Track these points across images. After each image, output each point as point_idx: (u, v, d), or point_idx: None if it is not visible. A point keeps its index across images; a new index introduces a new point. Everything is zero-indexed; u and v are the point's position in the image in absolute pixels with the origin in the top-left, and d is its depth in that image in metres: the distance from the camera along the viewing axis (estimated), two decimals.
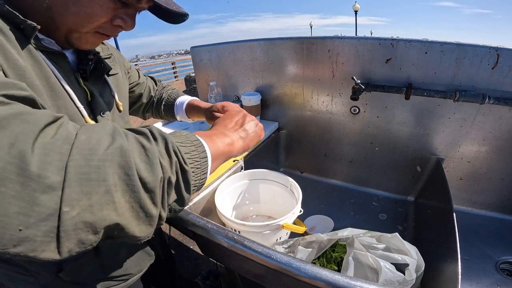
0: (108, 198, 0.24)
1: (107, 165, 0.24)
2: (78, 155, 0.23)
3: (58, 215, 0.21)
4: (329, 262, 0.63)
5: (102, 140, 0.25)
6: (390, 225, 0.93)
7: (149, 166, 0.27)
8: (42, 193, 0.21)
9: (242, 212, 0.89)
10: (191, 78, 5.28)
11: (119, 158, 0.25)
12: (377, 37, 0.84)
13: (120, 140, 0.26)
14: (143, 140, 0.29)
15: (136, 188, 0.26)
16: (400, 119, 0.92)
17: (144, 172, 0.27)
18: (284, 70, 1.07)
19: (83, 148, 0.24)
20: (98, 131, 0.26)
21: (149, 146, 0.29)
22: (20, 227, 0.20)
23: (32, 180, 0.20)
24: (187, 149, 0.34)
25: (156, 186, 0.28)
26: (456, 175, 0.92)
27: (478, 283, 0.71)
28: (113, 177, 0.24)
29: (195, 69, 1.36)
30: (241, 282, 0.91)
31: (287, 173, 1.14)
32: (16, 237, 0.20)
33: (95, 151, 0.24)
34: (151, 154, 0.28)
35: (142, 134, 0.30)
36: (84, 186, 0.23)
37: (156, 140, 0.30)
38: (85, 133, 0.25)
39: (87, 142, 0.24)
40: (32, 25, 0.36)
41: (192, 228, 0.59)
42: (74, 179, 0.22)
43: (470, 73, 0.76)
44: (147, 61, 43.35)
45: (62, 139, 0.23)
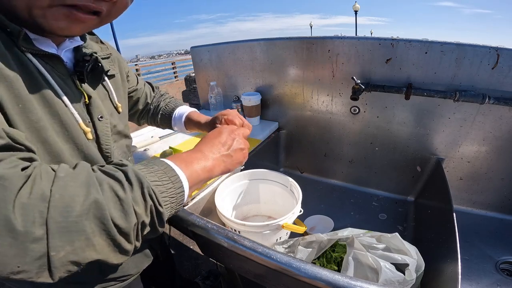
0: (88, 242, 0.28)
1: (84, 219, 0.28)
2: (56, 213, 0.26)
3: (47, 257, 0.26)
4: (329, 262, 0.63)
5: (76, 195, 0.28)
6: (390, 225, 0.93)
7: (123, 215, 0.30)
8: (31, 243, 0.25)
9: (242, 212, 0.89)
10: (191, 78, 5.28)
11: (94, 211, 0.28)
12: (377, 37, 0.84)
13: (95, 194, 0.29)
14: (118, 189, 0.31)
15: (111, 232, 0.29)
16: (400, 119, 0.92)
17: (119, 220, 0.30)
18: (284, 70, 1.07)
19: (59, 206, 0.27)
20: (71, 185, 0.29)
21: (124, 196, 0.31)
22: (18, 265, 0.25)
23: (21, 235, 0.25)
24: (163, 188, 0.36)
25: (130, 231, 0.31)
26: (456, 175, 0.92)
27: (478, 283, 0.71)
28: (90, 226, 0.28)
29: (195, 69, 1.36)
30: (241, 282, 0.91)
31: (287, 173, 1.14)
32: (16, 270, 0.25)
33: (71, 208, 0.27)
34: (125, 204, 0.31)
35: (118, 181, 0.32)
36: (65, 236, 0.27)
37: (132, 186, 0.32)
38: (58, 190, 0.28)
39: (62, 199, 0.27)
40: (16, 28, 0.34)
41: (192, 228, 0.59)
42: (55, 231, 0.26)
43: (470, 73, 0.76)
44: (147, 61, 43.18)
45: (38, 197, 0.26)
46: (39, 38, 0.39)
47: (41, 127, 0.37)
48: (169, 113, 0.77)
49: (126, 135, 0.59)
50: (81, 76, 0.46)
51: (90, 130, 0.46)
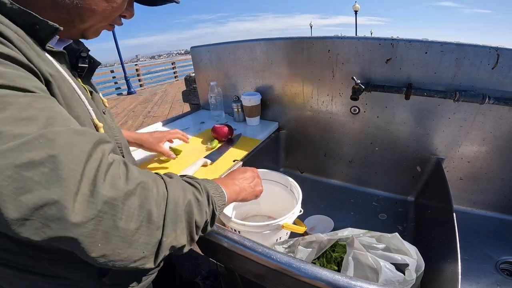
0: (182, 231, 0.37)
1: (183, 213, 0.37)
2: (170, 207, 0.35)
3: (160, 242, 0.34)
4: (329, 262, 0.63)
5: (180, 197, 0.37)
6: (390, 225, 0.93)
7: (200, 213, 0.40)
8: (156, 230, 0.33)
9: (242, 212, 0.89)
10: (191, 78, 5.27)
11: (188, 208, 0.38)
12: (377, 37, 0.84)
13: (189, 196, 0.39)
14: (197, 194, 0.42)
15: (192, 225, 0.39)
16: (400, 119, 0.92)
17: (198, 216, 0.40)
18: (284, 70, 1.07)
19: (172, 203, 0.36)
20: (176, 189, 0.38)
21: (201, 200, 0.42)
22: (144, 250, 0.32)
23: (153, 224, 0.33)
24: (216, 199, 0.46)
25: (202, 225, 0.41)
26: (456, 175, 0.92)
27: (478, 283, 0.71)
28: (184, 219, 0.37)
29: (195, 69, 1.36)
30: (241, 282, 0.91)
31: (287, 173, 1.14)
32: (139, 257, 0.32)
33: (178, 205, 0.37)
34: (202, 205, 0.41)
35: (196, 189, 0.42)
36: (173, 226, 0.35)
37: (202, 193, 0.43)
38: (171, 192, 0.37)
39: (173, 199, 0.36)
40: (54, 26, 0.34)
41: None
42: (169, 221, 0.35)
43: (470, 73, 0.76)
44: (147, 61, 43.16)
45: (162, 197, 0.35)
46: None
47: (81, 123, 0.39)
48: None
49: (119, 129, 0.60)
50: (81, 72, 0.47)
51: (102, 125, 0.46)
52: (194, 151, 0.98)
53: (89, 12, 0.39)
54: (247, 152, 0.96)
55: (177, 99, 6.24)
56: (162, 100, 6.43)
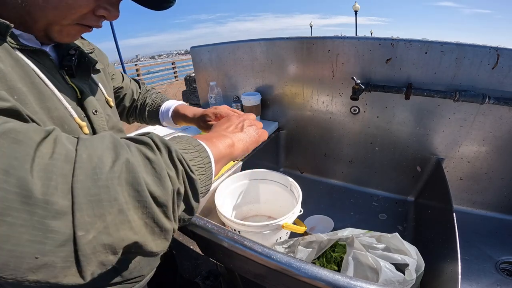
0: (123, 217, 0.23)
1: (115, 183, 0.23)
2: (83, 176, 0.22)
3: (73, 240, 0.21)
4: (329, 262, 0.63)
5: (104, 156, 0.24)
6: (390, 225, 0.93)
7: (157, 179, 0.26)
8: (52, 219, 0.20)
9: (242, 212, 0.89)
10: (191, 78, 5.28)
11: (126, 175, 0.24)
12: (377, 37, 0.84)
13: (125, 154, 0.25)
14: (147, 151, 0.28)
15: (148, 204, 0.25)
16: (400, 119, 0.92)
17: (154, 186, 0.26)
18: (284, 70, 1.07)
19: (87, 167, 0.22)
20: (98, 146, 0.25)
21: (154, 157, 0.27)
22: (36, 255, 0.19)
23: (39, 206, 0.19)
24: (191, 156, 0.33)
25: (167, 199, 0.27)
26: (456, 175, 0.92)
27: (478, 283, 0.71)
28: (123, 195, 0.23)
29: (195, 69, 1.36)
30: (241, 282, 0.91)
31: (287, 173, 1.14)
32: (34, 264, 0.19)
33: (100, 169, 0.23)
34: (157, 166, 0.27)
35: (145, 144, 0.29)
36: (96, 208, 0.22)
37: (160, 149, 0.29)
38: (85, 150, 0.23)
39: (89, 160, 0.23)
40: (4, 23, 0.33)
41: (192, 228, 0.59)
42: (83, 201, 0.21)
43: (470, 73, 0.76)
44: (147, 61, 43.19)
45: (62, 158, 0.22)
46: (23, 34, 0.39)
47: (38, 120, 0.36)
48: (156, 108, 0.75)
49: (120, 129, 0.59)
50: (70, 71, 0.45)
51: (85, 124, 0.45)
52: None
53: (38, 9, 0.35)
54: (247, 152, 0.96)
55: (177, 99, 6.23)
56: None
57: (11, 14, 0.35)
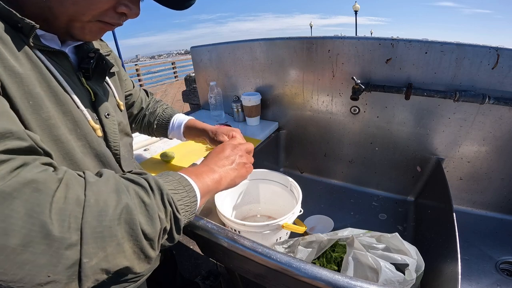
0: (119, 249, 0.29)
1: (116, 224, 0.28)
2: (91, 218, 0.27)
3: (79, 264, 0.26)
4: (329, 262, 0.63)
5: (109, 200, 0.29)
6: (390, 225, 0.93)
7: (149, 220, 0.31)
8: (65, 250, 0.25)
9: (242, 212, 0.89)
10: (191, 78, 5.27)
11: (125, 216, 0.29)
12: (377, 37, 0.84)
13: (125, 199, 0.30)
14: (143, 195, 0.32)
15: (139, 238, 0.30)
16: (400, 119, 0.92)
17: (146, 225, 0.31)
18: (284, 70, 1.07)
19: (94, 210, 0.27)
20: (103, 191, 0.30)
21: (149, 201, 0.32)
22: (49, 274, 0.24)
23: (56, 241, 0.24)
24: (179, 196, 0.37)
25: (155, 236, 0.32)
26: (456, 175, 0.92)
27: (478, 283, 0.71)
28: (121, 232, 0.29)
29: (195, 69, 1.36)
30: (241, 282, 0.91)
31: (287, 173, 1.14)
32: (45, 281, 0.24)
33: (105, 212, 0.28)
34: (151, 209, 0.32)
35: (142, 187, 0.33)
36: (99, 242, 0.27)
37: (154, 192, 0.34)
38: (93, 195, 0.28)
39: (96, 204, 0.28)
40: (30, 24, 0.34)
41: (192, 228, 0.59)
42: (90, 237, 0.26)
43: (470, 73, 0.76)
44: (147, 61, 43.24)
45: (73, 202, 0.27)
46: (45, 34, 0.39)
47: (53, 124, 0.37)
48: (166, 120, 0.76)
49: (128, 133, 0.60)
50: (86, 73, 0.46)
51: (99, 127, 0.46)
52: (194, 151, 0.98)
53: (59, 4, 0.35)
54: None
55: (177, 99, 6.25)
56: (162, 100, 6.44)
57: (33, 10, 0.35)
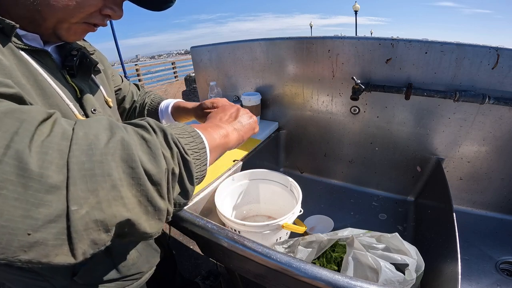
0: (115, 193, 0.23)
1: (110, 159, 0.23)
2: (79, 151, 0.22)
3: (66, 215, 0.21)
4: (329, 262, 0.63)
5: (100, 134, 0.25)
6: (390, 225, 0.93)
7: (152, 158, 0.27)
8: (46, 193, 0.20)
9: (242, 212, 0.89)
10: (191, 78, 5.28)
11: (121, 152, 0.25)
12: (377, 37, 0.84)
13: (120, 133, 0.26)
14: (143, 132, 0.29)
15: (142, 181, 0.25)
16: (400, 119, 0.92)
17: (148, 164, 0.26)
18: (284, 70, 1.07)
19: (83, 143, 0.23)
20: (94, 126, 0.25)
21: (150, 137, 0.28)
22: (29, 231, 0.19)
23: (34, 180, 0.20)
24: (185, 140, 0.33)
25: (161, 177, 0.27)
26: (456, 175, 0.92)
27: (478, 283, 0.71)
28: (117, 171, 0.24)
29: (195, 69, 1.36)
30: (241, 282, 0.91)
31: (287, 173, 1.14)
32: (26, 242, 0.19)
33: (95, 145, 0.23)
34: (152, 145, 0.28)
35: (141, 127, 0.30)
36: (89, 182, 0.22)
37: (156, 132, 0.30)
38: (82, 129, 0.24)
39: (86, 137, 0.24)
40: (10, 24, 0.34)
41: (192, 228, 0.59)
42: (78, 176, 0.21)
43: (470, 73, 0.76)
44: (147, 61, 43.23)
45: (59, 136, 0.23)
46: (27, 34, 0.39)
47: None
48: (155, 107, 0.77)
49: None
50: (71, 70, 0.47)
51: None
52: None
53: (48, 8, 0.36)
54: (247, 152, 0.96)
55: (177, 98, 6.24)
56: None
57: (22, 12, 0.36)
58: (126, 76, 7.92)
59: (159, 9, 0.48)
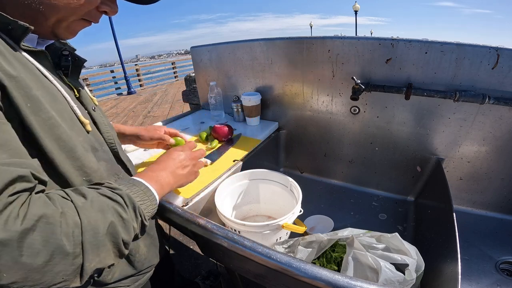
0: (108, 253, 0.38)
1: (106, 238, 0.37)
2: (88, 235, 0.34)
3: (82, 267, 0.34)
4: (329, 262, 0.63)
5: (98, 220, 0.36)
6: (390, 225, 0.93)
7: (127, 232, 0.40)
8: (74, 259, 0.33)
9: (242, 212, 0.89)
10: (191, 78, 5.28)
11: (111, 230, 0.37)
12: (377, 37, 0.84)
13: (110, 217, 0.38)
14: (121, 211, 0.40)
15: (119, 245, 0.39)
16: (400, 119, 0.92)
17: (124, 235, 0.39)
18: (284, 70, 1.07)
19: (89, 229, 0.35)
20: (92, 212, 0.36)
21: (126, 216, 0.40)
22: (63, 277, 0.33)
23: (69, 255, 0.32)
24: (145, 206, 0.45)
25: (130, 240, 0.41)
26: (456, 175, 0.92)
27: (478, 283, 0.71)
28: (109, 242, 0.38)
29: (195, 69, 1.36)
30: (241, 282, 0.91)
31: (287, 173, 1.14)
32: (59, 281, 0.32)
33: (97, 229, 0.36)
34: (127, 223, 0.40)
35: (119, 204, 0.40)
36: (95, 251, 0.35)
37: (128, 208, 0.41)
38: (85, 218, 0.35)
39: (89, 224, 0.35)
40: (24, 26, 0.34)
41: (192, 228, 0.59)
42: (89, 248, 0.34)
43: (470, 73, 0.76)
44: (147, 61, 43.24)
45: (73, 226, 0.33)
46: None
47: (53, 124, 0.38)
48: None
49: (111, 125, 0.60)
50: (66, 71, 0.47)
51: (88, 122, 0.47)
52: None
53: (49, 7, 0.37)
54: (247, 152, 0.96)
55: (177, 99, 6.25)
56: (162, 100, 6.44)
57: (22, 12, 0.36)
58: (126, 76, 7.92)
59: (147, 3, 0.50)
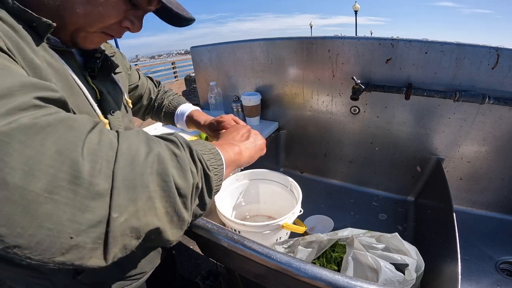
0: (151, 204, 0.25)
1: (148, 172, 0.25)
2: (123, 163, 0.24)
3: (107, 221, 0.22)
4: (329, 262, 0.63)
5: (140, 148, 0.27)
6: (390, 225, 0.93)
7: (182, 173, 0.29)
8: (92, 200, 0.21)
9: (242, 212, 0.89)
10: (191, 78, 5.28)
11: (157, 166, 0.27)
12: (377, 37, 0.84)
13: (157, 148, 0.28)
14: (173, 148, 0.31)
15: (172, 194, 0.27)
16: (400, 119, 0.92)
17: (178, 178, 0.28)
18: (284, 70, 1.07)
19: (127, 155, 0.25)
20: (135, 139, 0.27)
21: (180, 153, 0.30)
22: (72, 235, 0.20)
23: (83, 187, 0.21)
24: (207, 157, 0.36)
25: (188, 192, 0.29)
26: (456, 175, 0.92)
27: (478, 283, 0.71)
28: (153, 183, 0.26)
29: (195, 69, 1.36)
30: (241, 282, 0.91)
31: (287, 173, 1.14)
32: (67, 244, 0.20)
33: (137, 158, 0.25)
34: (182, 161, 0.30)
35: (172, 142, 0.32)
36: (131, 192, 0.24)
37: (184, 147, 0.32)
38: (125, 140, 0.26)
39: (129, 149, 0.25)
40: (47, 22, 0.35)
41: (192, 228, 0.59)
42: (121, 186, 0.23)
43: (470, 73, 0.76)
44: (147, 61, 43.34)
45: (107, 145, 0.24)
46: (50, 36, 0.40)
47: None
48: (172, 111, 0.79)
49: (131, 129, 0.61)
50: (92, 72, 0.48)
51: (108, 122, 0.48)
52: None
53: (71, 14, 0.37)
54: None
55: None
56: None
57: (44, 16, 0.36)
58: None
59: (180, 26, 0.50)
